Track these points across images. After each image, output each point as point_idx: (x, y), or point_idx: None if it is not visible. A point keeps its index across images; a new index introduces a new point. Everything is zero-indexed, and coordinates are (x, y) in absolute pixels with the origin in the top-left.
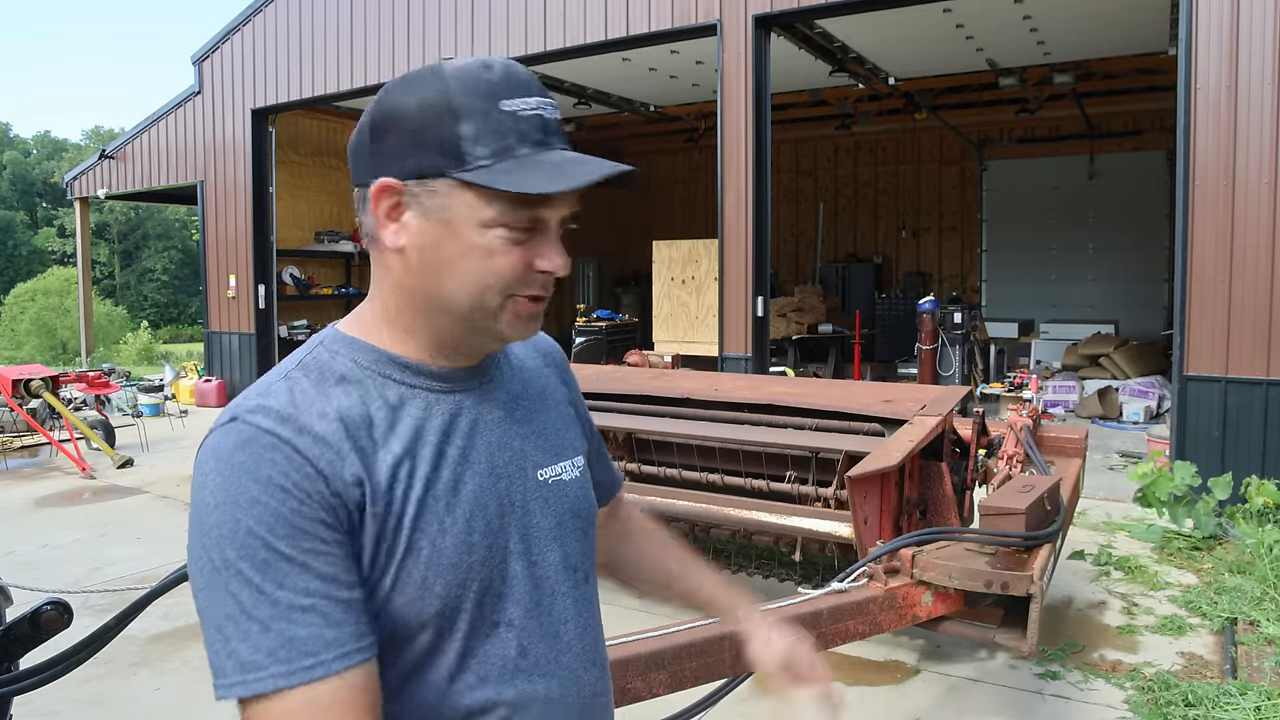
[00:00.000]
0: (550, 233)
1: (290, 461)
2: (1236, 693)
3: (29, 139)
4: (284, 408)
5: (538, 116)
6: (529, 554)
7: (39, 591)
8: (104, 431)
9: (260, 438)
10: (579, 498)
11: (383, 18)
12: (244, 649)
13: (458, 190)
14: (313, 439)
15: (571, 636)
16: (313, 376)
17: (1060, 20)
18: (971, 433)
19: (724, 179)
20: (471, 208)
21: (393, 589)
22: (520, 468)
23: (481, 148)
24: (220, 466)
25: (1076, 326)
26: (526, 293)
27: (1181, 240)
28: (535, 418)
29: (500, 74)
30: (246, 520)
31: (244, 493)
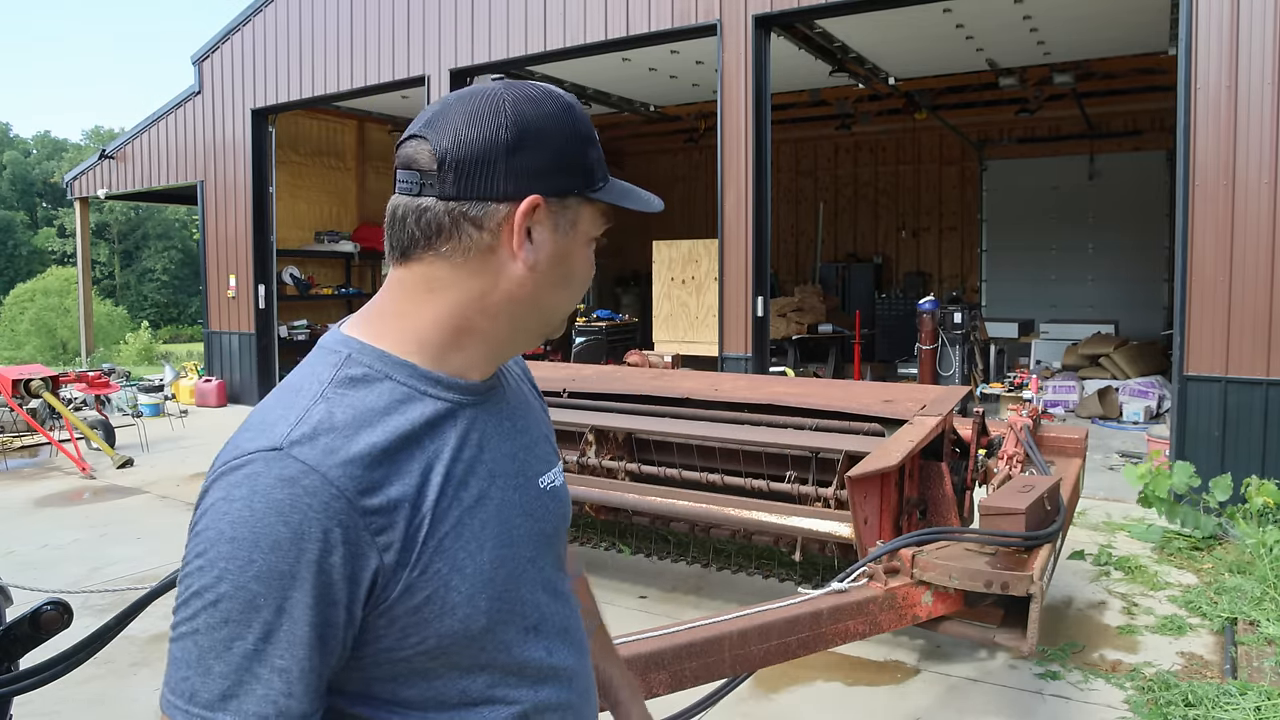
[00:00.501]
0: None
1: (327, 509)
2: (1236, 693)
3: (29, 139)
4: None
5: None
6: (539, 560)
7: (39, 591)
8: (104, 431)
9: (304, 477)
10: (566, 501)
11: (383, 18)
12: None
13: (586, 208)
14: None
15: (574, 631)
16: (350, 395)
17: (1060, 20)
18: (971, 433)
19: (724, 179)
20: (592, 223)
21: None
22: (528, 477)
23: (600, 170)
24: (248, 498)
25: (1076, 326)
26: None
27: (1181, 240)
28: (530, 426)
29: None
30: (260, 563)
31: (268, 534)
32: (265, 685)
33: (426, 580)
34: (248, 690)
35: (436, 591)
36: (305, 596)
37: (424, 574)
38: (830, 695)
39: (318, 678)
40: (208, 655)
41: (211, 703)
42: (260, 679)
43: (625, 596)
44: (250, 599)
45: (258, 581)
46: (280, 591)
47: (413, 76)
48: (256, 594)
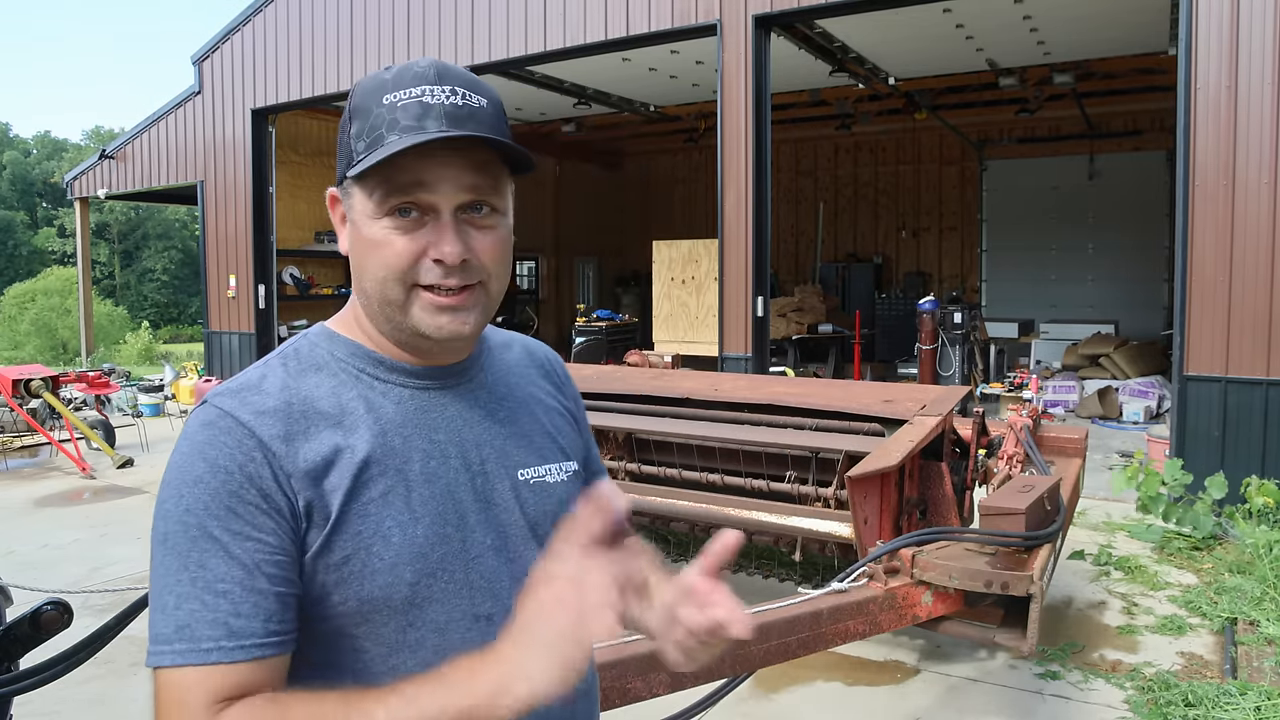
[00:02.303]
0: (441, 220)
1: (240, 445)
2: (1236, 693)
3: (29, 139)
4: (249, 392)
5: (415, 103)
6: (506, 550)
7: (39, 591)
8: (104, 431)
9: (220, 420)
10: (562, 501)
11: (383, 18)
12: (159, 621)
13: (354, 188)
14: (272, 422)
15: None
16: (291, 366)
17: (1060, 20)
18: (971, 433)
19: (724, 179)
20: (362, 202)
21: (363, 573)
22: (500, 466)
23: (361, 143)
24: (182, 444)
25: (1076, 326)
26: (426, 282)
27: (1181, 240)
28: (520, 420)
29: (395, 71)
30: (188, 498)
31: (191, 471)
32: (211, 610)
33: (346, 540)
34: (197, 617)
35: (357, 553)
36: (229, 522)
37: (344, 533)
38: (830, 695)
39: (265, 598)
40: (163, 593)
41: (169, 636)
42: (206, 604)
43: None
44: (184, 531)
45: (189, 514)
46: (206, 519)
47: None
48: (189, 525)
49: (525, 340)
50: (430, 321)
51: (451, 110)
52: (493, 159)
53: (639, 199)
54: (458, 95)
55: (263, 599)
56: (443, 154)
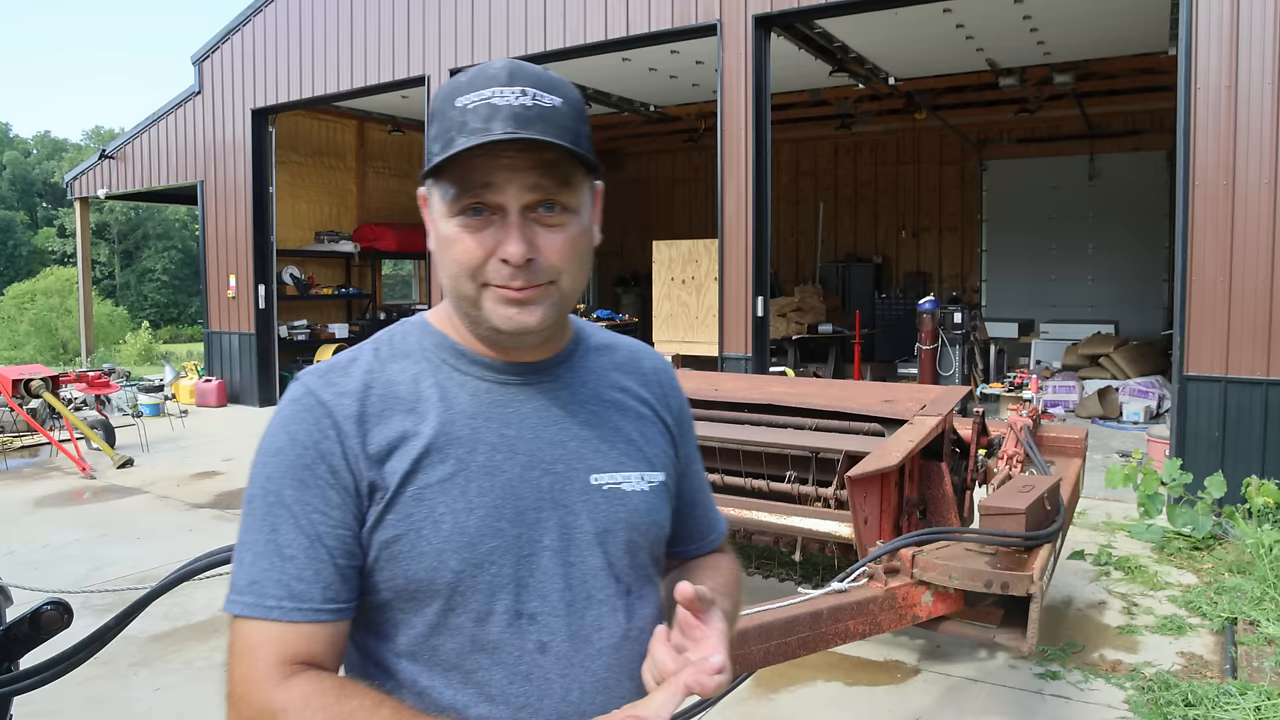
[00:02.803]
0: (508, 219)
1: (317, 423)
2: (1236, 693)
3: (29, 139)
4: (335, 373)
5: (485, 105)
6: (566, 553)
7: (39, 591)
8: (104, 431)
9: (304, 397)
10: (638, 510)
11: (383, 18)
12: (238, 572)
13: (433, 188)
14: (349, 403)
15: (605, 645)
16: (382, 352)
17: (1060, 20)
18: (971, 433)
19: (724, 179)
20: (437, 202)
21: (410, 554)
22: (571, 467)
23: (435, 144)
24: (274, 416)
25: (1076, 326)
26: (495, 281)
27: (1181, 240)
28: (602, 424)
29: (471, 74)
30: (269, 466)
31: (275, 442)
32: (279, 571)
33: (399, 521)
34: (266, 575)
35: (406, 534)
36: (300, 492)
37: (397, 513)
38: (830, 695)
39: (326, 568)
40: (243, 551)
41: (242, 588)
42: (274, 565)
43: None
44: (263, 496)
45: (269, 481)
46: (281, 488)
47: (413, 76)
48: (267, 491)
49: (634, 345)
50: (500, 313)
51: (519, 111)
52: (563, 158)
53: (639, 199)
54: (527, 96)
55: (323, 568)
56: (509, 154)
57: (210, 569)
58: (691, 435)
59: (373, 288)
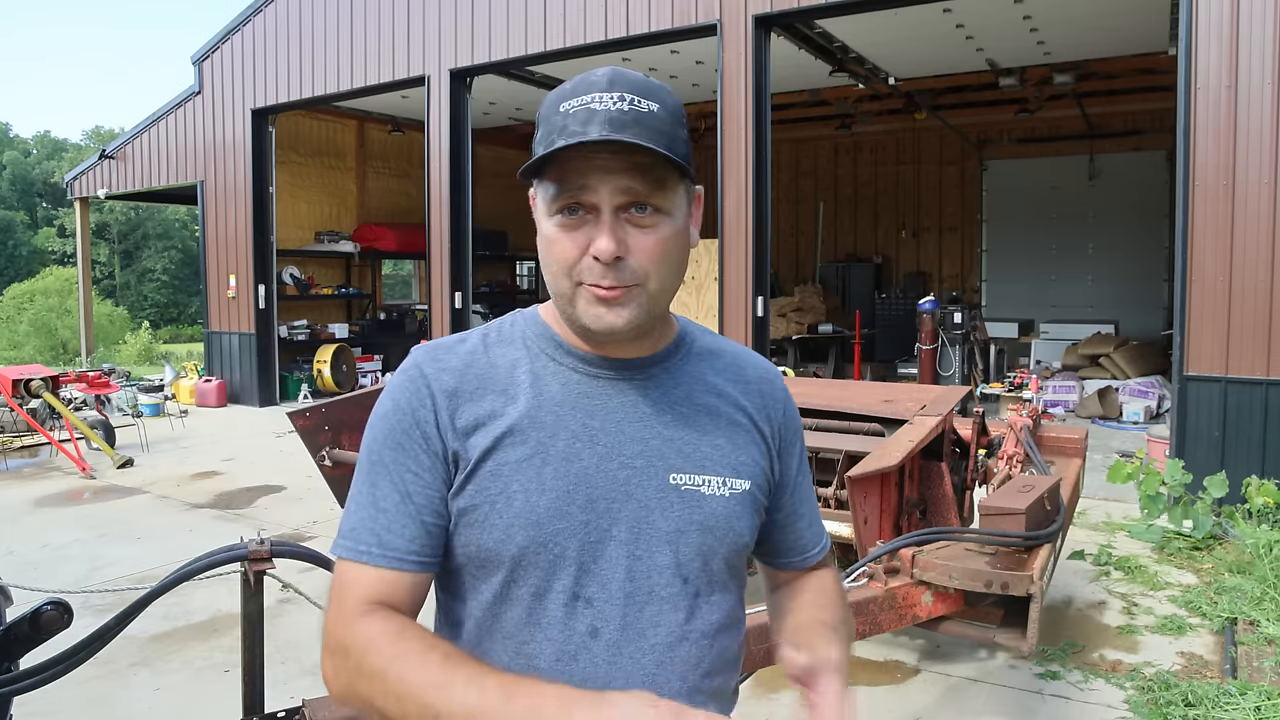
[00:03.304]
0: (601, 218)
1: (418, 392)
2: (1236, 693)
3: (29, 139)
4: (442, 350)
5: (584, 109)
6: (634, 546)
7: (39, 591)
8: (104, 431)
9: (411, 368)
10: (715, 515)
11: (383, 18)
12: (345, 518)
13: (538, 187)
14: (448, 378)
15: (659, 642)
16: (490, 337)
17: (1060, 20)
18: (971, 433)
19: (724, 179)
20: (542, 201)
21: (483, 524)
22: (650, 464)
23: (540, 146)
24: (389, 384)
25: (1076, 326)
26: (588, 280)
27: (1181, 240)
28: (692, 426)
29: (575, 80)
30: (377, 428)
31: (383, 407)
32: (373, 521)
33: (475, 492)
34: (363, 524)
35: (480, 505)
36: (397, 454)
37: (474, 485)
38: None
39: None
40: (351, 501)
41: (345, 533)
42: (370, 516)
43: None
44: (369, 454)
45: (374, 441)
46: (383, 449)
47: (413, 76)
48: (372, 450)
49: (740, 352)
50: (590, 311)
51: (616, 115)
52: (657, 161)
53: None
54: (625, 101)
55: (410, 522)
56: (604, 157)
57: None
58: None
59: (373, 288)
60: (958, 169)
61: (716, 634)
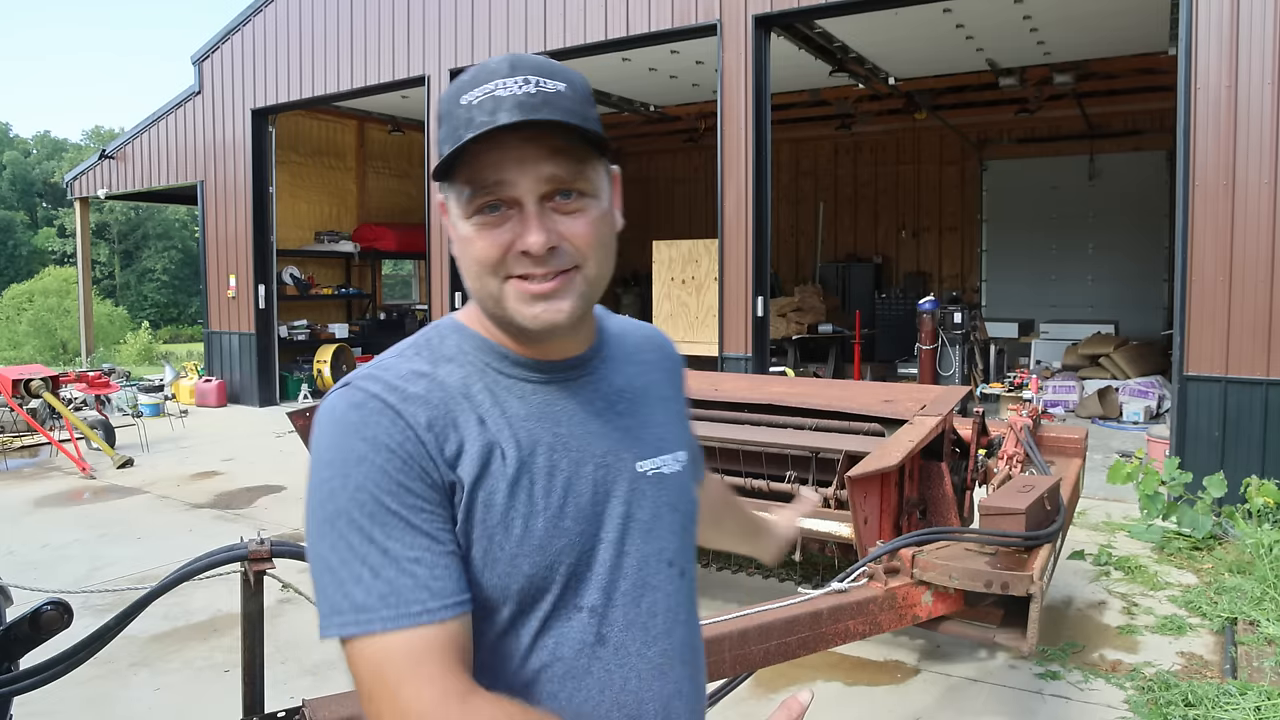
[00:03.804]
0: (526, 211)
1: (395, 425)
2: (1236, 693)
3: (29, 139)
4: (394, 378)
5: (488, 98)
6: (621, 543)
7: (39, 591)
8: (104, 431)
9: (369, 402)
10: (678, 491)
11: (383, 18)
12: (358, 591)
13: (448, 191)
14: (416, 409)
15: (659, 631)
16: (425, 355)
17: (1060, 20)
18: (971, 433)
19: (724, 179)
20: (453, 204)
21: (483, 562)
22: (619, 458)
23: (444, 146)
24: (334, 426)
25: (1076, 326)
26: (516, 273)
27: (1181, 240)
28: (639, 411)
29: (473, 71)
30: (357, 475)
31: (353, 450)
32: (411, 575)
33: (472, 529)
34: (399, 584)
35: (479, 542)
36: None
37: (471, 523)
38: (830, 695)
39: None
40: (351, 566)
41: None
42: (405, 570)
43: None
44: (360, 507)
45: (361, 491)
46: (380, 495)
47: (413, 76)
48: (364, 501)
49: (641, 326)
50: (525, 311)
51: (523, 99)
52: (575, 143)
53: (639, 199)
54: (530, 84)
55: (452, 560)
56: (518, 145)
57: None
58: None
59: (373, 288)
60: (958, 169)
61: (694, 608)
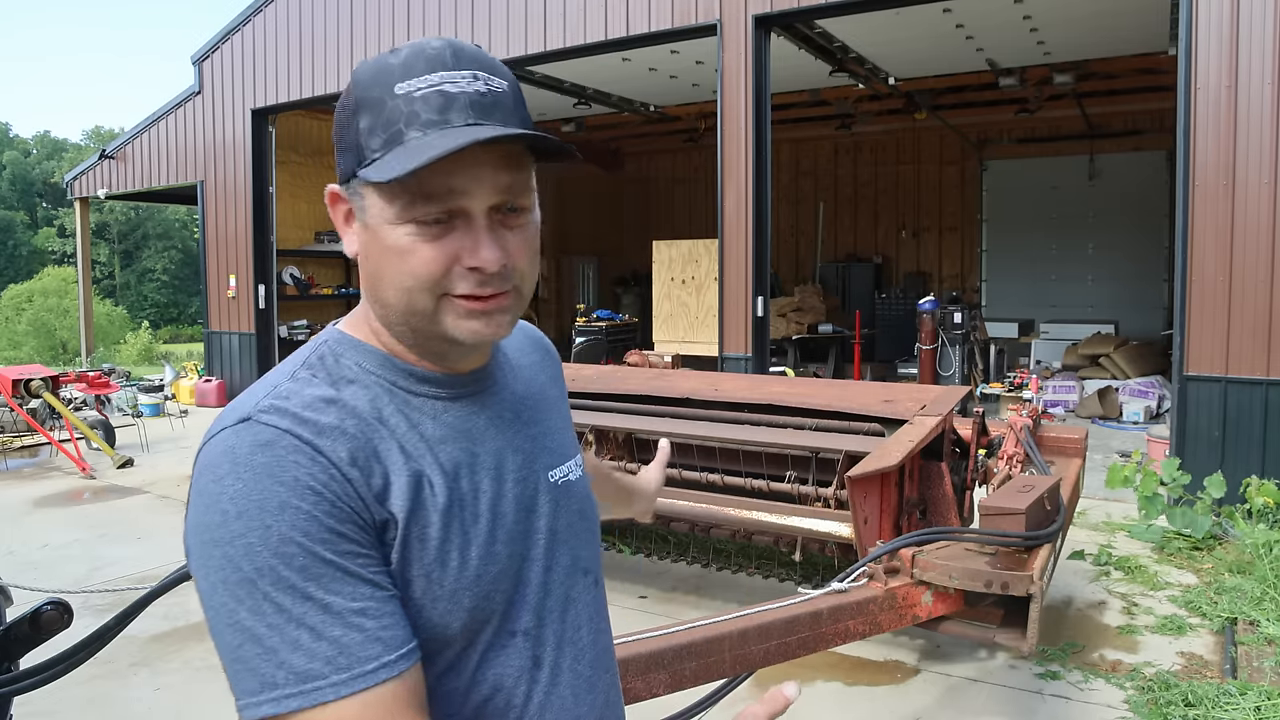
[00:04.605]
0: (475, 224)
1: (315, 463)
2: (1236, 693)
3: (29, 139)
4: (299, 409)
5: (435, 93)
6: (547, 559)
7: (39, 591)
8: (104, 431)
9: (280, 439)
10: (584, 498)
11: (383, 18)
12: (297, 659)
13: (368, 189)
14: (333, 443)
15: (586, 643)
16: (321, 378)
17: (1060, 20)
18: (971, 433)
19: (724, 179)
20: (379, 207)
21: (423, 602)
22: (532, 470)
23: (376, 139)
24: (238, 470)
25: (1076, 326)
26: (459, 291)
27: (1181, 240)
28: (540, 419)
29: (405, 55)
30: (279, 525)
31: (271, 497)
32: (359, 630)
33: (408, 567)
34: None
35: (416, 581)
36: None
37: (406, 561)
38: (830, 695)
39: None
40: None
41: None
42: (352, 626)
43: (625, 596)
44: (287, 562)
45: (287, 543)
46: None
47: None
48: (291, 555)
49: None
50: (464, 327)
51: (476, 100)
52: (521, 150)
53: (639, 199)
54: (479, 81)
55: (396, 606)
56: (472, 156)
57: None
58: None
59: None
60: (958, 169)
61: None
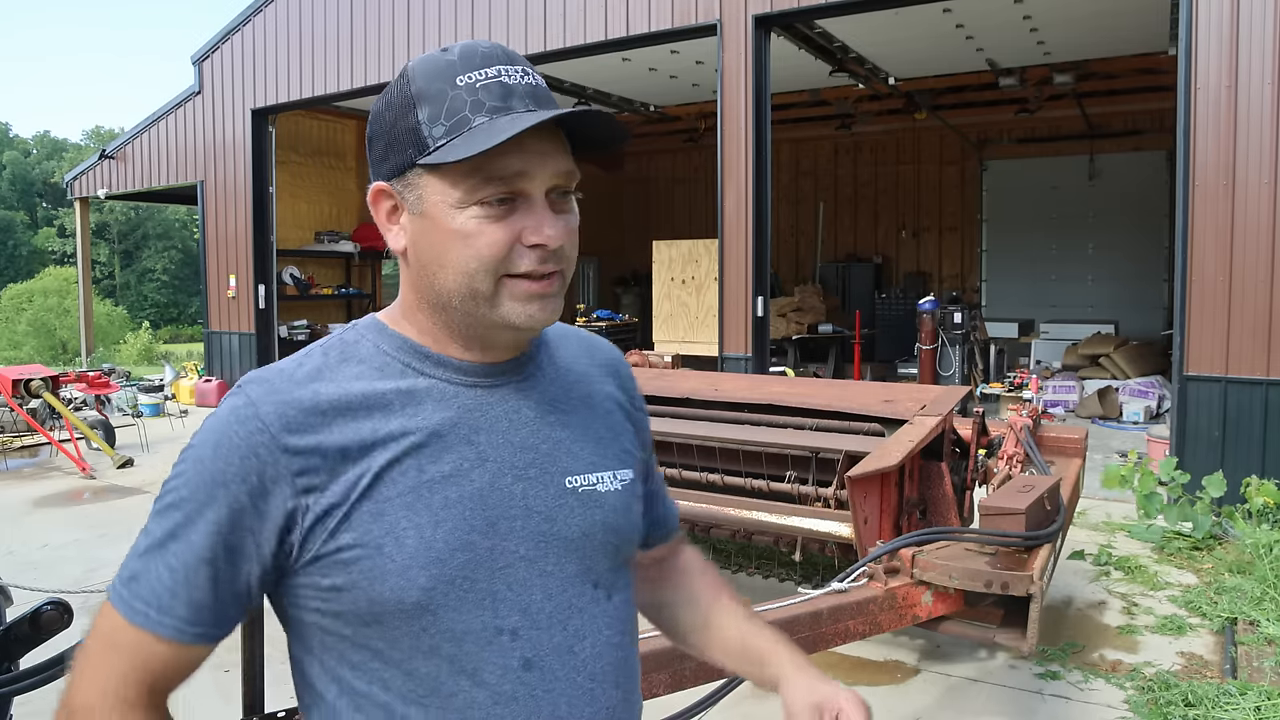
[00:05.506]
0: (535, 204)
1: (249, 438)
2: (1236, 693)
3: (29, 139)
4: (279, 379)
5: (496, 84)
6: (543, 562)
7: (39, 591)
8: (104, 431)
9: (244, 408)
10: (614, 510)
11: (383, 18)
12: (129, 561)
13: (427, 178)
14: (294, 415)
15: (588, 654)
16: (331, 356)
17: (1060, 20)
18: (971, 433)
19: (724, 179)
20: (442, 193)
21: (370, 572)
22: (545, 471)
23: (439, 128)
24: (210, 420)
25: (1076, 326)
26: (520, 270)
27: (1181, 240)
28: (574, 423)
29: (459, 53)
30: (189, 472)
31: (202, 449)
32: (156, 577)
33: (357, 537)
34: (145, 576)
35: (367, 552)
36: (206, 510)
37: (353, 530)
38: None
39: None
40: (140, 540)
41: (125, 579)
42: (155, 569)
43: None
44: (176, 502)
45: (183, 486)
46: (190, 497)
47: None
48: (183, 499)
49: (582, 334)
50: (522, 311)
51: (530, 90)
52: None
53: (639, 199)
54: (529, 76)
55: (195, 592)
56: (535, 139)
57: None
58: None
59: (373, 288)
60: (958, 169)
61: (629, 630)
